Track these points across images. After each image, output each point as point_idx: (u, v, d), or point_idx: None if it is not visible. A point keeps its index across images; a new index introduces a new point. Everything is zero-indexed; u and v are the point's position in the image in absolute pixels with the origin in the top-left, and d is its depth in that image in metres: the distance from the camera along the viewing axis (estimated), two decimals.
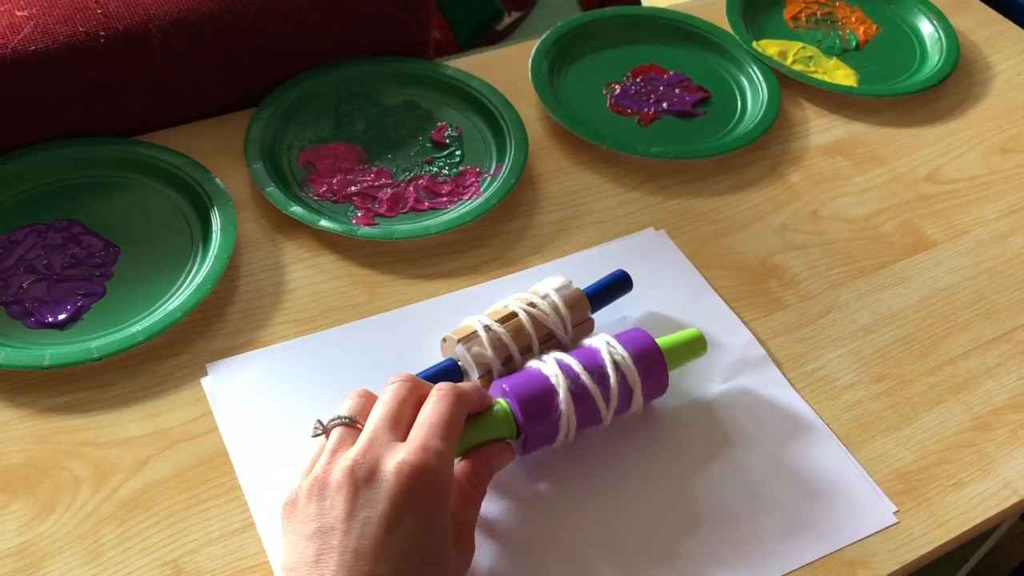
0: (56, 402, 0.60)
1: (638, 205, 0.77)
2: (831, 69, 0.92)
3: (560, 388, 0.56)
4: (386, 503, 0.44)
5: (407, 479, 0.45)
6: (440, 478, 0.46)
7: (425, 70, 0.84)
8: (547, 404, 0.55)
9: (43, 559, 0.54)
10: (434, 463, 0.46)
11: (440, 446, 0.47)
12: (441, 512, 0.46)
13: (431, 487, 0.45)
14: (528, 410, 0.55)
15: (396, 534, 0.43)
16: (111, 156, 0.74)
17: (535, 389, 0.56)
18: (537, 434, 0.55)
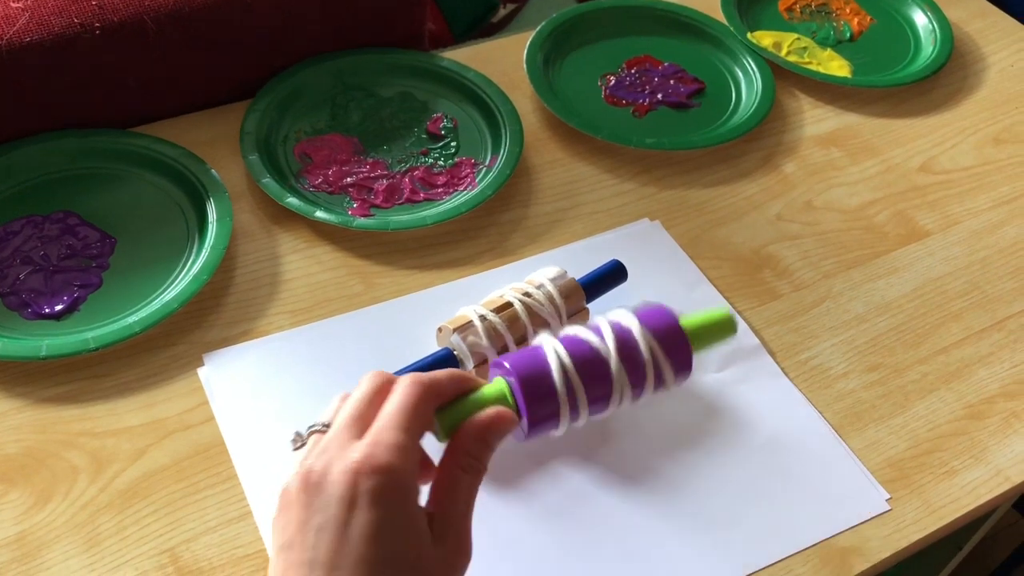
0: (53, 392, 0.61)
1: (633, 196, 0.77)
2: (825, 60, 0.92)
3: (569, 366, 0.49)
4: (335, 507, 0.40)
5: (353, 478, 0.40)
6: (395, 473, 0.41)
7: (420, 61, 0.84)
8: (553, 384, 0.49)
9: (40, 548, 0.54)
10: (384, 458, 0.41)
11: (394, 438, 0.42)
12: (399, 510, 0.41)
13: (383, 484, 0.40)
14: (531, 390, 0.49)
15: (349, 539, 0.39)
16: (107, 147, 0.74)
17: (540, 366, 0.49)
18: (541, 418, 0.49)
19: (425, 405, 0.44)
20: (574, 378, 0.49)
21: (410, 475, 0.42)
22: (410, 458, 0.42)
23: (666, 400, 0.63)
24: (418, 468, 0.43)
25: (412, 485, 0.42)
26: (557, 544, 0.56)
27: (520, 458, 0.59)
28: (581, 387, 0.49)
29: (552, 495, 0.58)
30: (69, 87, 0.73)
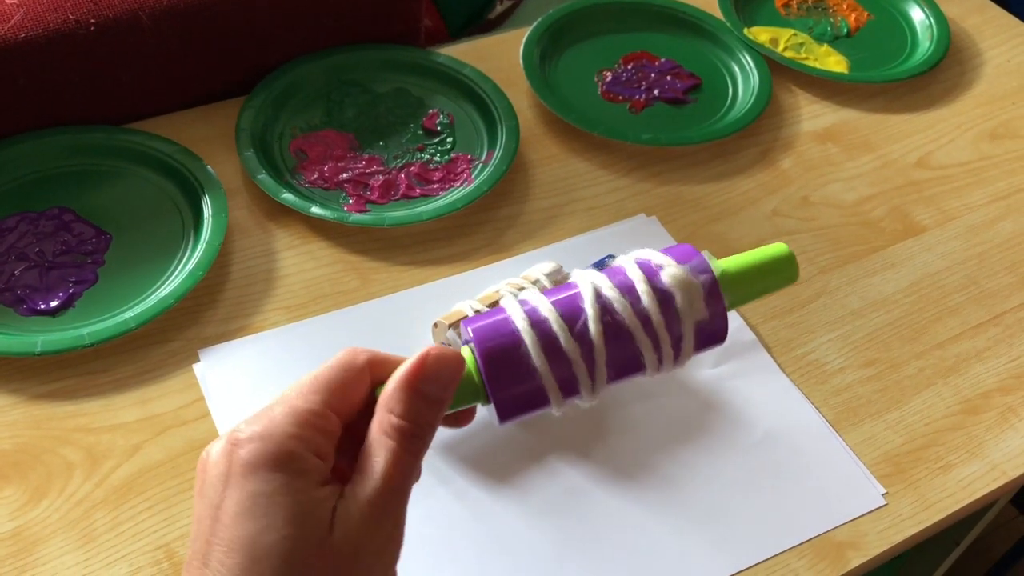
0: (48, 388, 0.61)
1: (629, 191, 0.77)
2: (822, 56, 0.92)
3: (559, 331, 0.38)
4: (212, 488, 0.34)
5: (229, 450, 0.34)
6: (270, 440, 0.34)
7: (416, 57, 0.84)
8: (524, 351, 0.37)
9: (35, 544, 0.54)
10: (262, 425, 0.34)
11: (290, 404, 0.35)
12: (277, 483, 0.33)
13: (256, 453, 0.34)
14: (495, 362, 0.37)
15: (220, 521, 0.33)
16: (102, 144, 0.74)
17: (510, 329, 0.38)
18: (513, 397, 0.38)
19: (350, 371, 0.36)
20: (554, 344, 0.38)
21: (298, 443, 0.34)
22: (305, 425, 0.34)
23: (662, 396, 0.63)
24: (328, 439, 0.35)
25: (300, 454, 0.34)
26: (553, 540, 0.56)
27: (515, 453, 0.59)
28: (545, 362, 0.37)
29: (548, 491, 0.58)
30: (64, 83, 0.73)
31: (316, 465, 0.34)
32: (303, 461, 0.34)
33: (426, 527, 0.56)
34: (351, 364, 0.36)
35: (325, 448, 0.35)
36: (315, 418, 0.35)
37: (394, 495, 0.35)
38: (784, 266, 0.41)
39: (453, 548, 0.55)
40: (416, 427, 0.35)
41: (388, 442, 0.35)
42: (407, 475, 0.35)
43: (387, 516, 0.34)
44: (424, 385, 0.35)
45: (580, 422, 0.61)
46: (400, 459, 0.35)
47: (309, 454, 0.34)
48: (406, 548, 0.55)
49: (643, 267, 0.39)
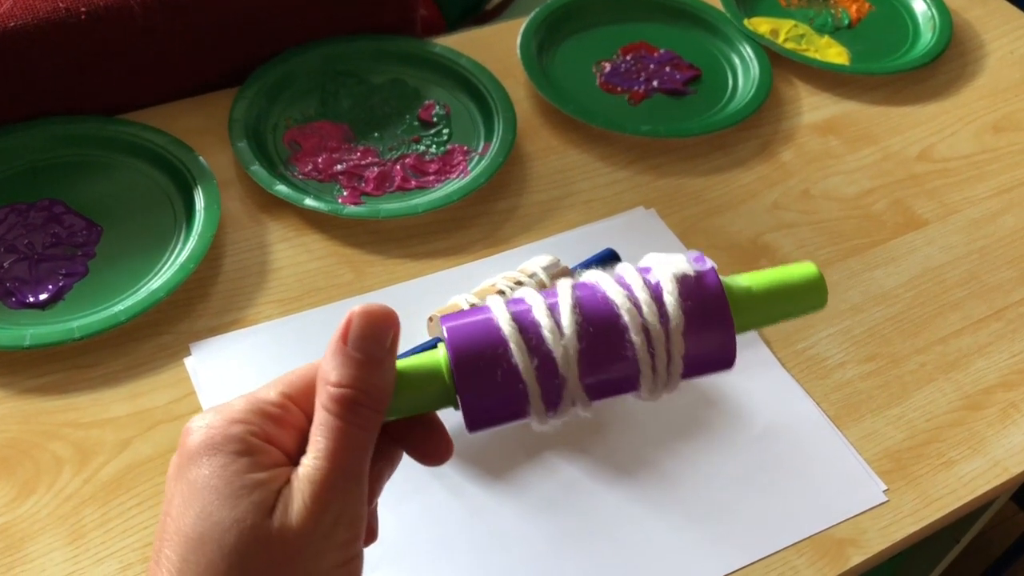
0: (37, 383, 0.60)
1: (628, 184, 0.76)
2: (823, 47, 0.91)
3: (547, 333, 0.34)
4: (169, 483, 0.33)
5: (182, 441, 0.33)
6: (213, 429, 0.32)
7: (412, 48, 0.83)
8: (506, 360, 0.34)
9: (23, 540, 0.53)
10: (209, 416, 0.33)
11: (249, 395, 0.33)
12: (215, 471, 0.31)
13: (198, 443, 0.32)
14: (468, 365, 0.34)
15: (169, 514, 0.32)
16: (93, 135, 0.73)
17: (490, 334, 0.34)
18: (484, 407, 0.35)
19: (315, 366, 0.34)
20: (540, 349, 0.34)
21: (241, 427, 0.32)
22: (255, 411, 0.32)
23: None
24: (283, 428, 0.33)
25: (239, 437, 0.32)
26: (550, 536, 0.55)
27: (512, 449, 0.58)
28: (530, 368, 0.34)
29: (545, 486, 0.57)
30: (54, 73, 0.72)
31: (259, 447, 0.32)
32: (242, 443, 0.32)
33: (422, 523, 0.55)
34: (315, 362, 0.34)
35: (278, 437, 0.33)
36: (268, 406, 0.33)
37: (341, 473, 0.32)
38: (811, 291, 0.36)
39: (449, 544, 0.54)
40: (356, 393, 0.32)
41: (328, 417, 0.32)
42: (354, 450, 0.32)
43: (334, 496, 0.32)
44: (355, 344, 0.32)
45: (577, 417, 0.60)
46: (344, 433, 0.32)
47: (254, 439, 0.32)
48: (402, 544, 0.54)
49: (644, 276, 0.36)
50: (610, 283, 0.35)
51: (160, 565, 0.31)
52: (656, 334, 0.34)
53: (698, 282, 0.35)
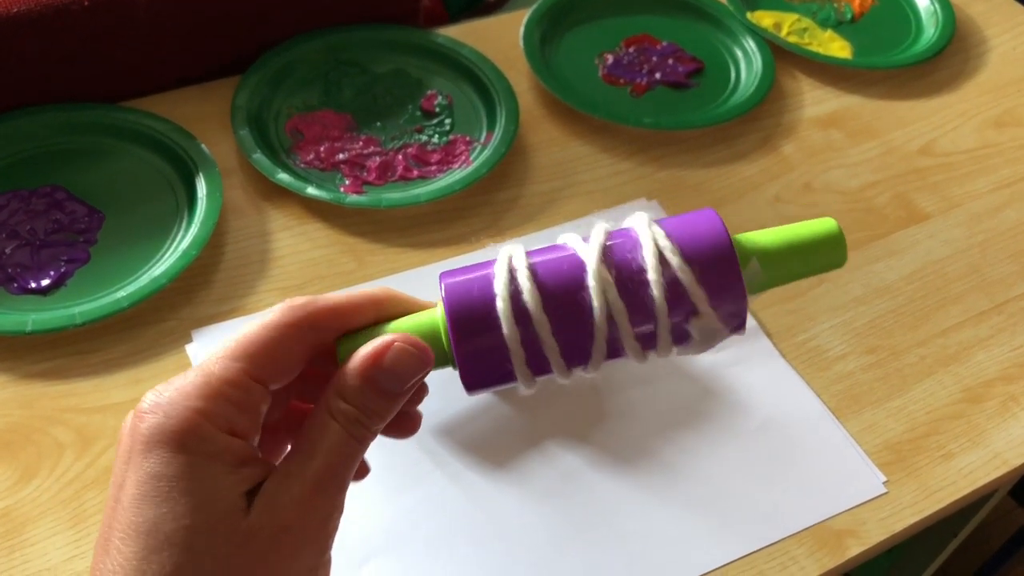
0: (39, 368, 0.60)
1: (630, 176, 0.76)
2: (826, 41, 0.91)
3: (528, 293, 0.33)
4: (117, 464, 0.31)
5: (133, 423, 0.31)
6: (174, 415, 0.30)
7: (415, 38, 0.83)
8: (495, 317, 0.33)
9: (25, 524, 0.53)
10: (168, 394, 0.31)
11: (206, 370, 0.31)
12: (179, 462, 0.30)
13: (156, 428, 0.30)
14: (464, 322, 0.33)
15: (120, 503, 0.30)
16: (96, 121, 0.73)
17: (485, 289, 0.33)
18: (481, 365, 0.33)
19: (289, 331, 0.32)
20: (535, 311, 0.33)
21: (204, 419, 0.30)
22: (217, 398, 0.30)
23: (661, 380, 0.62)
24: (247, 413, 0.31)
25: (206, 433, 0.30)
26: (550, 525, 0.55)
27: (512, 437, 0.58)
28: (546, 325, 0.33)
29: (545, 475, 0.57)
30: (57, 60, 0.72)
31: (227, 445, 0.31)
32: (210, 442, 0.30)
33: (421, 511, 0.55)
34: (283, 322, 0.32)
35: (242, 424, 0.31)
36: (231, 389, 0.31)
37: (334, 479, 0.31)
38: (831, 247, 0.35)
39: (448, 533, 0.54)
40: (365, 416, 0.32)
41: (333, 424, 0.32)
42: (350, 461, 0.32)
43: (325, 499, 0.31)
44: (381, 376, 0.32)
45: (578, 406, 0.60)
46: (344, 442, 0.32)
47: (218, 433, 0.30)
48: (402, 533, 0.54)
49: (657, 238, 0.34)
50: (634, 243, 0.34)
51: (109, 555, 0.30)
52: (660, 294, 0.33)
53: (708, 239, 0.34)
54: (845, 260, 0.35)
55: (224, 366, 0.31)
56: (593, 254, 0.33)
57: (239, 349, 0.31)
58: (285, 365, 0.32)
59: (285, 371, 0.32)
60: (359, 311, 0.34)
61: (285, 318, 0.32)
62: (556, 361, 0.33)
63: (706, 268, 0.33)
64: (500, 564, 0.53)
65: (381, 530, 0.54)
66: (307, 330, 0.32)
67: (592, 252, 0.33)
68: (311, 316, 0.32)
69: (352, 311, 0.34)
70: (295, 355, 0.32)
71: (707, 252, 0.33)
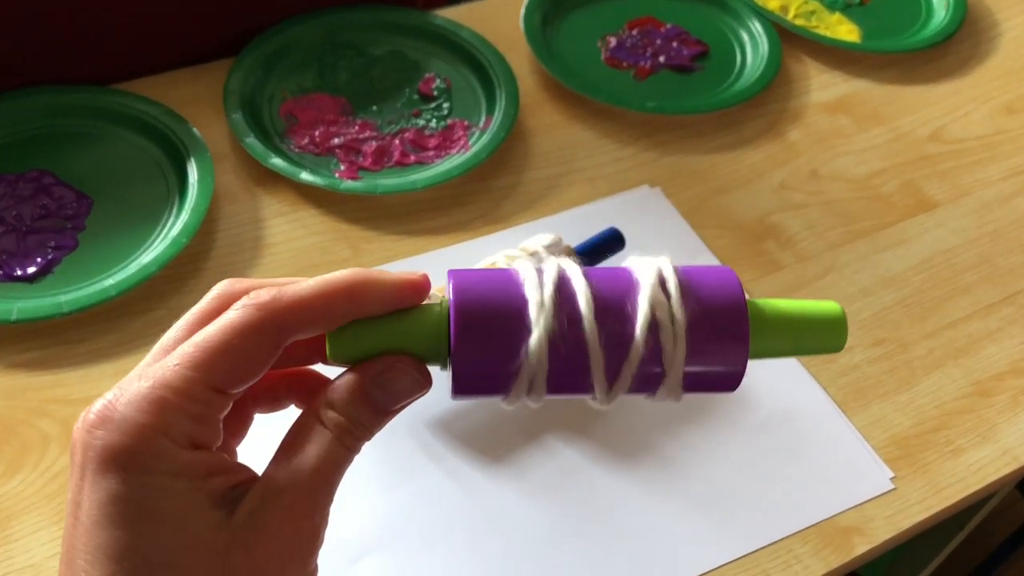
0: (24, 358, 0.58)
1: (632, 162, 0.75)
2: (834, 24, 0.89)
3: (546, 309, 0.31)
4: (73, 477, 0.29)
5: (85, 436, 0.28)
6: (130, 432, 0.28)
7: (413, 19, 0.81)
8: (515, 326, 0.31)
9: (9, 519, 0.52)
10: (122, 409, 0.28)
11: (162, 380, 0.28)
12: (142, 482, 0.28)
13: (113, 446, 0.28)
14: (470, 322, 0.31)
15: (80, 521, 0.28)
16: (85, 105, 0.71)
17: (505, 292, 0.31)
18: (480, 371, 0.31)
19: (252, 336, 0.29)
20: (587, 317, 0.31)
21: (161, 436, 0.28)
22: (174, 411, 0.28)
23: None
24: (207, 425, 0.29)
25: (163, 451, 0.28)
26: (548, 520, 0.54)
27: (511, 431, 0.57)
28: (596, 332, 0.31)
29: (544, 470, 0.56)
30: (46, 42, 0.70)
31: (190, 460, 0.28)
32: (170, 460, 0.28)
33: (417, 506, 0.54)
34: (246, 325, 0.29)
35: (204, 435, 0.29)
36: (188, 403, 0.28)
37: (325, 486, 0.30)
38: (829, 329, 0.34)
39: (444, 528, 0.53)
40: (355, 427, 0.31)
41: (325, 432, 0.30)
42: (340, 469, 0.30)
43: (316, 508, 0.30)
44: (376, 391, 0.31)
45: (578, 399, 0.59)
46: (336, 450, 0.30)
47: (179, 449, 0.28)
48: (397, 527, 0.53)
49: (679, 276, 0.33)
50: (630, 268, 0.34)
51: (76, 563, 0.28)
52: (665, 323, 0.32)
53: (719, 285, 0.33)
54: (844, 345, 0.34)
55: (181, 376, 0.29)
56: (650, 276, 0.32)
57: (198, 356, 0.29)
58: (247, 372, 0.29)
59: (247, 377, 0.30)
60: (331, 307, 0.30)
61: (248, 320, 0.29)
62: (599, 378, 0.32)
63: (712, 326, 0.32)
64: (497, 561, 0.52)
65: (375, 526, 0.53)
66: (272, 333, 0.29)
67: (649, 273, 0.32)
68: (277, 318, 0.29)
69: (323, 307, 0.30)
70: (258, 360, 0.30)
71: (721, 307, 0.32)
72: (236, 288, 0.32)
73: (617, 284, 0.33)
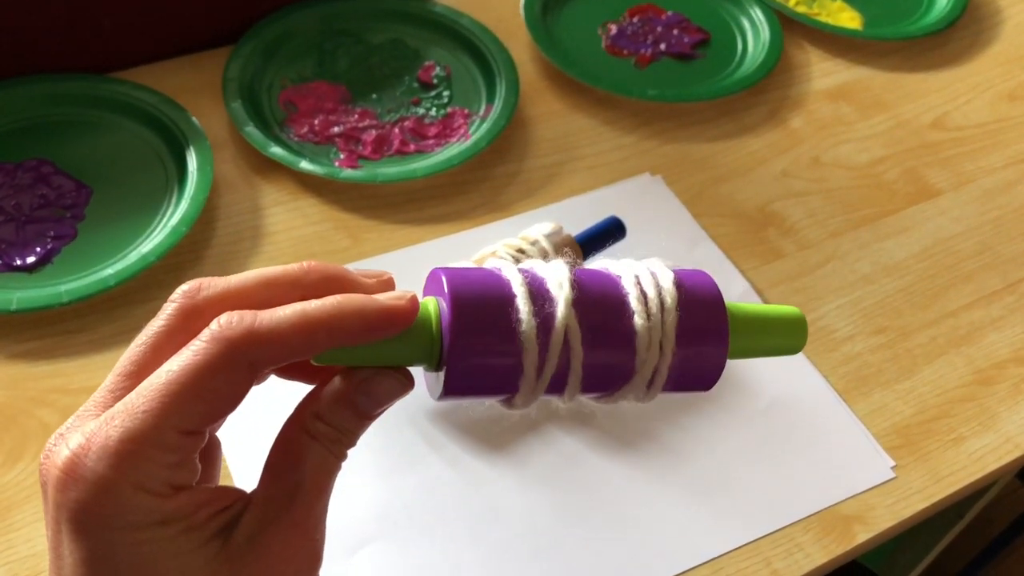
0: (24, 348, 0.58)
1: (633, 150, 0.74)
2: (835, 11, 0.88)
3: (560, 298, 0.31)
4: (48, 524, 0.28)
5: (56, 489, 0.27)
6: (105, 489, 0.26)
7: (412, 7, 0.80)
8: (508, 320, 0.31)
9: (9, 509, 0.52)
10: (93, 464, 0.26)
11: (129, 426, 0.26)
12: (111, 556, 0.27)
13: (87, 503, 0.26)
14: (467, 318, 0.31)
15: (63, 572, 0.27)
16: (83, 93, 0.71)
17: (495, 290, 0.31)
18: (477, 368, 0.31)
19: (224, 374, 0.27)
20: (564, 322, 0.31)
21: (140, 487, 0.27)
22: (150, 462, 0.27)
23: None
24: (182, 467, 0.28)
25: (140, 505, 0.27)
26: (549, 509, 0.54)
27: (509, 419, 0.57)
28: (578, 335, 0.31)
29: (545, 458, 0.56)
30: (44, 29, 0.69)
31: (174, 508, 0.27)
32: (152, 512, 0.27)
33: (417, 495, 0.54)
34: (217, 364, 0.27)
35: (182, 477, 0.28)
36: (162, 454, 0.27)
37: (320, 497, 0.30)
38: (791, 330, 0.35)
39: (445, 517, 0.53)
40: (341, 435, 0.30)
41: (315, 444, 0.29)
42: (332, 480, 0.30)
43: (317, 524, 0.29)
44: (361, 397, 0.30)
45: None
46: (327, 461, 0.30)
47: (158, 499, 0.27)
48: (398, 517, 0.53)
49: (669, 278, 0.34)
50: (615, 267, 0.34)
51: None
52: (655, 324, 0.32)
53: (696, 287, 0.34)
54: (803, 346, 0.36)
55: (151, 425, 0.27)
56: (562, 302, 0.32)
57: (167, 400, 0.27)
58: (219, 411, 0.28)
59: (220, 416, 0.28)
60: (310, 343, 0.28)
61: (219, 357, 0.27)
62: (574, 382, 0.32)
63: (695, 322, 0.33)
64: (498, 550, 0.52)
65: (375, 516, 0.53)
66: (245, 370, 0.27)
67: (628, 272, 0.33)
68: (250, 353, 0.27)
69: (302, 344, 0.28)
70: (231, 398, 0.28)
71: (701, 307, 0.34)
72: (199, 301, 0.29)
73: (604, 285, 0.33)
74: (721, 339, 0.33)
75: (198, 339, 0.27)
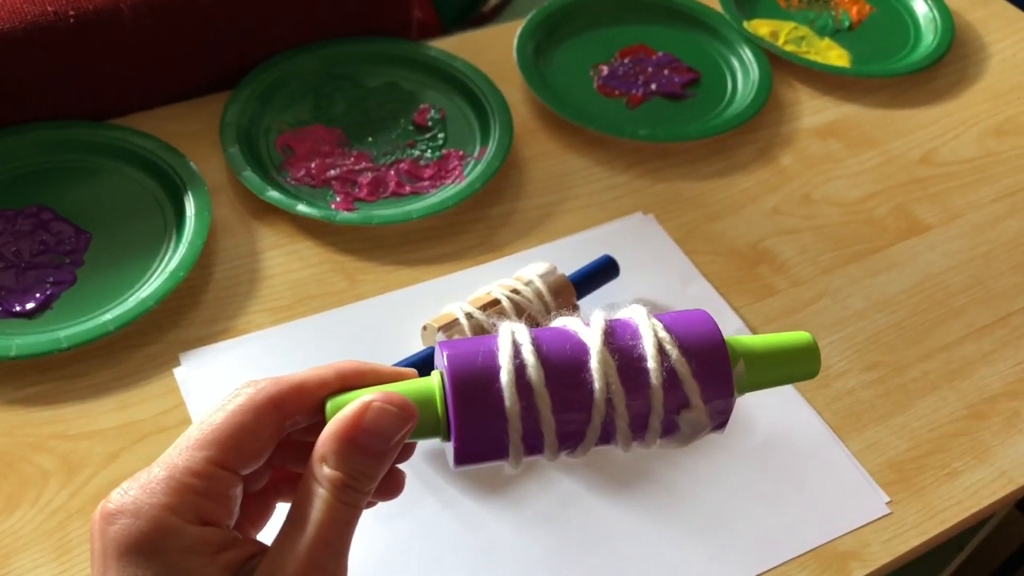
0: (23, 393, 0.58)
1: (625, 189, 0.75)
2: (823, 49, 0.90)
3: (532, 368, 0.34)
4: (95, 564, 0.31)
5: (101, 524, 0.30)
6: (141, 516, 0.30)
7: (407, 51, 0.81)
8: (499, 389, 0.33)
9: (8, 556, 0.52)
10: (133, 496, 0.30)
11: (172, 465, 0.31)
12: (156, 564, 0.30)
13: (126, 532, 0.30)
14: (466, 393, 0.33)
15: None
16: (82, 140, 0.72)
17: (489, 360, 0.33)
18: (479, 438, 0.33)
19: (253, 415, 0.32)
20: (538, 386, 0.33)
21: (173, 516, 0.30)
22: (185, 491, 0.30)
23: None
24: (218, 501, 0.31)
25: (178, 529, 0.30)
26: (547, 550, 0.54)
27: None
28: (547, 401, 0.33)
29: (541, 499, 0.56)
30: (43, 77, 0.71)
31: (200, 536, 0.30)
32: (181, 536, 0.30)
33: (415, 537, 0.54)
34: (247, 407, 0.32)
35: (214, 511, 0.31)
36: (196, 480, 0.30)
37: (328, 549, 0.30)
38: (804, 355, 0.36)
39: (442, 560, 0.53)
40: (352, 480, 0.31)
41: (320, 491, 0.31)
42: (343, 527, 0.31)
43: (321, 573, 0.30)
44: (363, 437, 0.31)
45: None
46: (334, 509, 0.31)
47: (188, 525, 0.30)
48: (395, 559, 0.53)
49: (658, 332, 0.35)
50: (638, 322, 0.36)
51: None
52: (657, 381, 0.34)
53: (703, 336, 0.35)
54: (818, 371, 0.37)
55: (188, 457, 0.31)
56: (597, 337, 0.34)
57: (203, 439, 0.31)
58: (252, 449, 0.32)
59: (253, 455, 0.32)
60: (325, 387, 0.33)
61: (249, 403, 0.32)
62: (550, 439, 0.33)
63: (701, 363, 0.34)
64: None
65: (373, 559, 0.53)
66: (272, 412, 0.32)
67: (596, 335, 0.34)
68: (275, 397, 0.32)
69: (317, 387, 0.33)
70: (262, 439, 0.32)
71: (702, 348, 0.34)
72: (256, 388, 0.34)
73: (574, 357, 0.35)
74: (726, 382, 0.34)
75: (231, 393, 0.33)
